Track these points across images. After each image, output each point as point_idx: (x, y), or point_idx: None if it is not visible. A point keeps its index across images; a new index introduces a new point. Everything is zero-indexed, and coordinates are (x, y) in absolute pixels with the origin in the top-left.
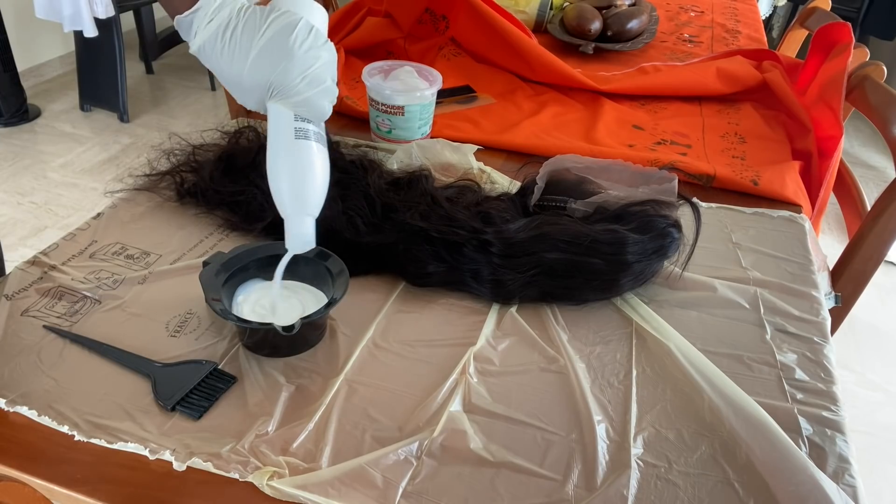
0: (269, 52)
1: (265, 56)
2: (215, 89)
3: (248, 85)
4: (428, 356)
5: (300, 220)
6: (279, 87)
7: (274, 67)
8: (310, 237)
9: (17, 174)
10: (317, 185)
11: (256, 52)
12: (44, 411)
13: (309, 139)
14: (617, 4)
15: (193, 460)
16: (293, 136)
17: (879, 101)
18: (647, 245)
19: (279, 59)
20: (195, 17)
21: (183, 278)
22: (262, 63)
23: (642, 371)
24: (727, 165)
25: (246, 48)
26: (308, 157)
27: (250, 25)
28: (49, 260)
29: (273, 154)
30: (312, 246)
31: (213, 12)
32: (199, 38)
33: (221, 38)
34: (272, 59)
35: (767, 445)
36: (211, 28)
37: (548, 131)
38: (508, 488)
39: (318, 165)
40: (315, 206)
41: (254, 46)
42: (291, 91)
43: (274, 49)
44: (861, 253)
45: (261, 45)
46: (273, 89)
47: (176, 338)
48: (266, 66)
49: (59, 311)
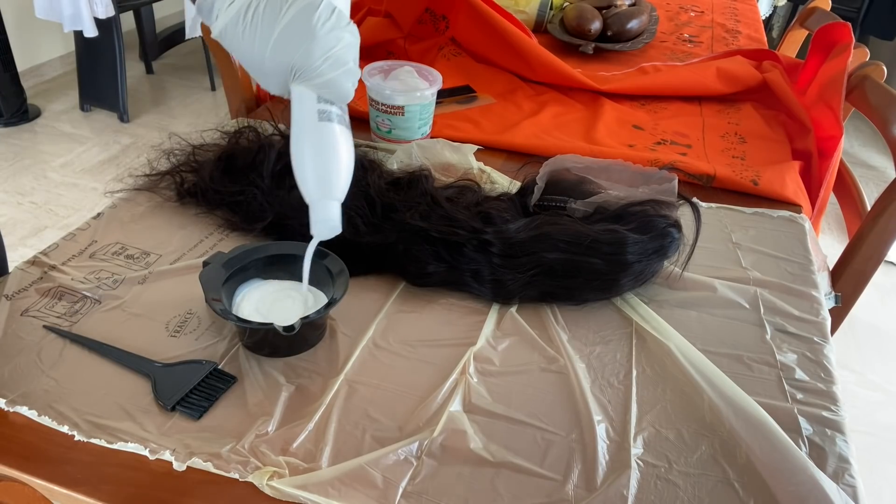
0: (291, 32)
1: (287, 37)
2: (215, 89)
3: (270, 67)
4: (428, 356)
5: (325, 205)
6: (302, 68)
7: (296, 48)
8: (336, 222)
9: (17, 174)
10: (342, 168)
11: (278, 33)
12: (44, 411)
13: (332, 121)
14: (617, 4)
15: (193, 460)
16: (317, 118)
17: (879, 101)
18: (648, 245)
19: (301, 40)
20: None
21: (183, 278)
22: (285, 44)
23: (642, 371)
24: (727, 165)
25: (268, 30)
26: (332, 139)
27: (272, 6)
28: (49, 260)
29: (297, 138)
30: (339, 231)
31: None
32: (221, 21)
33: (243, 20)
34: (294, 40)
35: (767, 445)
36: (232, 10)
37: (548, 131)
38: (508, 488)
39: (343, 148)
40: (341, 190)
41: (276, 27)
42: (314, 73)
43: (296, 30)
44: (861, 253)
45: (283, 25)
46: (296, 71)
47: (176, 338)
48: (288, 48)
49: (59, 311)
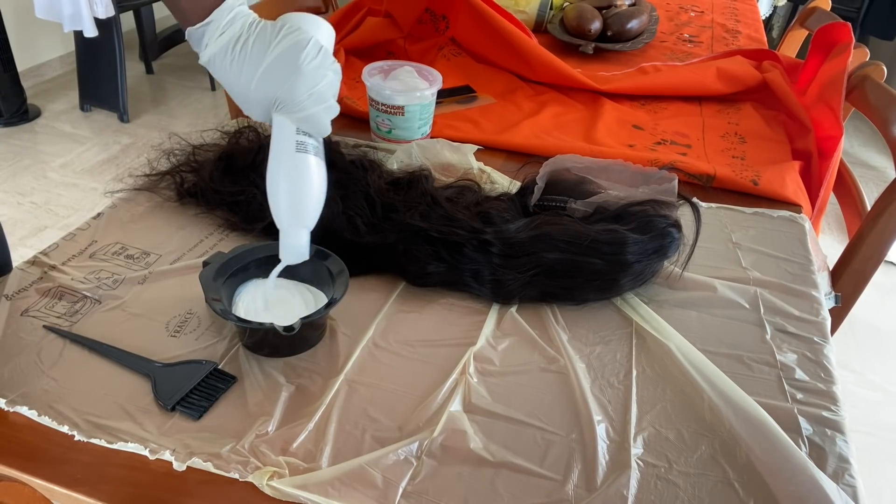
0: (278, 67)
1: (274, 71)
2: (215, 89)
3: (254, 97)
4: (428, 356)
5: (295, 232)
6: (285, 101)
7: (282, 82)
8: (304, 249)
9: (17, 174)
10: (313, 198)
11: (266, 66)
12: (44, 411)
13: (308, 153)
14: (617, 4)
15: (193, 460)
16: (294, 148)
17: (879, 101)
18: (648, 245)
19: (288, 75)
20: (206, 29)
21: (183, 278)
22: (271, 77)
23: (642, 371)
24: (727, 165)
25: (256, 62)
26: (306, 170)
27: (261, 40)
28: (49, 260)
29: (273, 167)
30: (306, 258)
31: (224, 25)
32: (210, 51)
33: (231, 52)
34: (281, 74)
35: (767, 445)
36: (222, 41)
37: (548, 131)
38: (508, 488)
39: (316, 179)
40: (311, 219)
41: (264, 61)
42: (297, 106)
43: (283, 65)
44: (861, 253)
45: (271, 59)
46: (279, 103)
47: (176, 338)
48: (274, 81)
49: (59, 311)
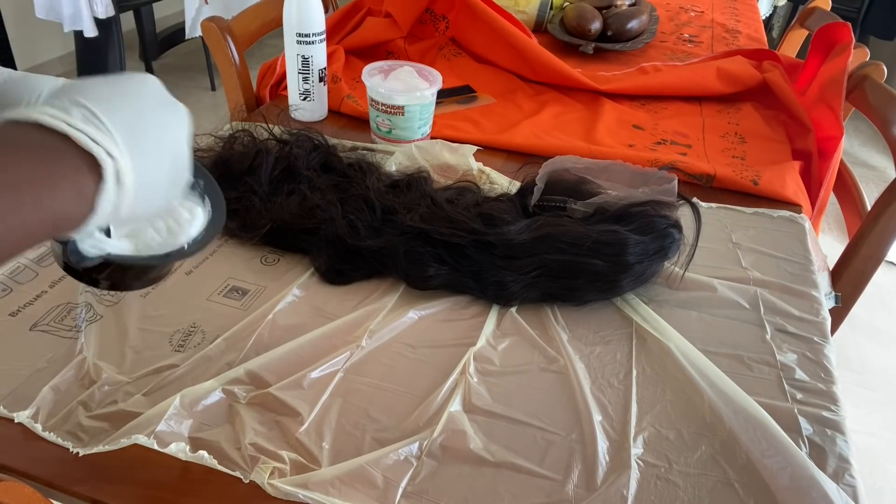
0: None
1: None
2: (215, 89)
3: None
4: (428, 356)
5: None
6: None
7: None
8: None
9: None
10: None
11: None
12: (46, 419)
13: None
14: (617, 4)
15: (197, 455)
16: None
17: (879, 101)
18: (648, 246)
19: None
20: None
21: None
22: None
23: (642, 371)
24: (727, 165)
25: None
26: None
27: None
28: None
29: None
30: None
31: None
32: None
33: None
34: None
35: (767, 445)
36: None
37: (548, 131)
38: (508, 488)
39: None
40: None
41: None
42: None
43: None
44: (861, 253)
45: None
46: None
47: (180, 351)
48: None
49: (69, 324)
